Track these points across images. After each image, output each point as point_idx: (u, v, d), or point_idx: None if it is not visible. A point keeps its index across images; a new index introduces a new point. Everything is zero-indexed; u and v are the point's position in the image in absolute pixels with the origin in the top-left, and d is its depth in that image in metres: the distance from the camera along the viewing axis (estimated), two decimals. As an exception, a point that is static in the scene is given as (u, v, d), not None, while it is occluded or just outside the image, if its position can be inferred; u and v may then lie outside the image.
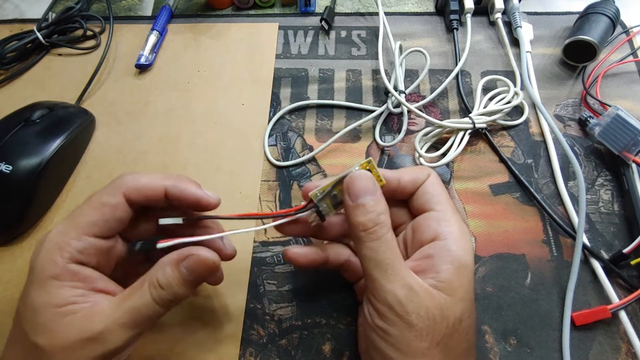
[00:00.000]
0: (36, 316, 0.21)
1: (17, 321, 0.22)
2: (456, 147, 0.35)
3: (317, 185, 0.25)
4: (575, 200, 0.34)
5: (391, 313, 0.22)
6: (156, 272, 0.23)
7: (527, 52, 0.40)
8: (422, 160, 0.35)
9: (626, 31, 0.42)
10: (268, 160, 0.37)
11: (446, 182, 0.35)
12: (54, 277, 0.22)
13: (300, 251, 0.26)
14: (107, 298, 0.22)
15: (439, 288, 0.22)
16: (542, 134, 0.38)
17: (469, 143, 0.36)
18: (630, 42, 0.42)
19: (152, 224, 0.26)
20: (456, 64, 0.39)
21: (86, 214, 0.23)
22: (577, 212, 0.33)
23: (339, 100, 0.40)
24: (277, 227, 0.26)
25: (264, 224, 0.26)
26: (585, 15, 0.40)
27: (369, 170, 0.24)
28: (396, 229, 0.27)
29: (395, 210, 0.27)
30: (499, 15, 0.43)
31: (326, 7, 0.44)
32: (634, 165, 0.34)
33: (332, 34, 0.44)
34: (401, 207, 0.27)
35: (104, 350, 0.21)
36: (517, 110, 0.39)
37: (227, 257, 0.26)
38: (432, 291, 0.22)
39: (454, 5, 0.43)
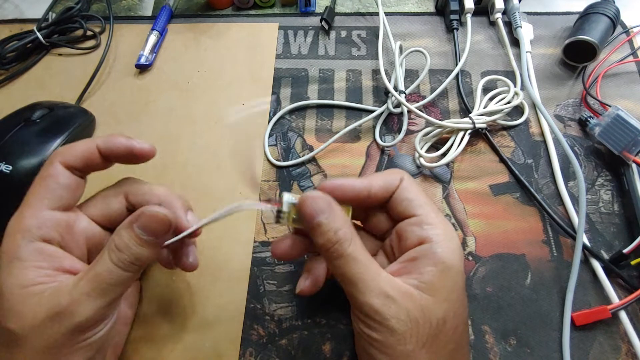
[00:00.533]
0: (4, 300, 0.21)
1: None
2: (456, 147, 0.35)
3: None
4: (575, 200, 0.34)
5: (372, 321, 0.22)
6: (113, 237, 0.23)
7: (527, 52, 0.40)
8: (422, 160, 0.35)
9: (626, 31, 0.42)
10: (268, 160, 0.37)
11: (446, 182, 0.35)
12: (17, 258, 0.22)
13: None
14: (74, 276, 0.22)
15: (421, 289, 0.22)
16: (542, 134, 0.38)
17: (469, 143, 0.36)
18: (630, 42, 0.42)
19: (120, 202, 0.26)
20: (456, 64, 0.39)
21: (33, 192, 0.23)
22: (577, 212, 0.33)
23: (339, 100, 0.40)
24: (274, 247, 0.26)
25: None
26: (586, 15, 0.40)
27: None
28: (382, 235, 0.27)
29: (377, 217, 0.27)
30: (499, 15, 0.43)
31: (326, 7, 0.44)
32: (634, 166, 0.34)
33: (332, 34, 0.44)
34: (383, 213, 0.27)
35: (73, 323, 0.21)
36: (517, 111, 0.39)
37: (190, 268, 0.27)
38: (413, 293, 0.22)
39: (454, 5, 0.43)
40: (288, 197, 0.25)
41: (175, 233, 0.25)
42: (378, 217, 0.27)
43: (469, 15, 0.42)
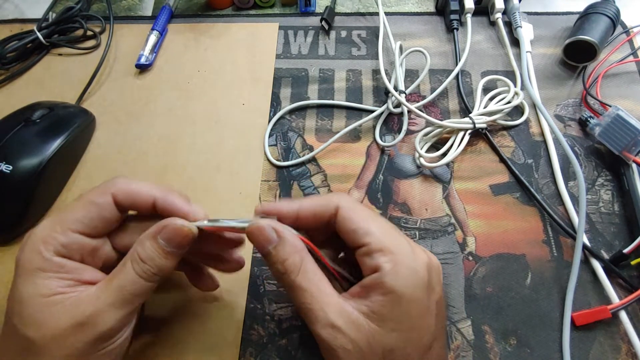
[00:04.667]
0: (24, 308, 0.21)
1: (7, 318, 0.22)
2: (456, 147, 0.35)
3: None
4: (575, 200, 0.34)
5: (323, 349, 0.22)
6: (136, 247, 0.23)
7: (527, 52, 0.40)
8: (422, 160, 0.35)
9: (626, 31, 0.42)
10: (268, 160, 0.37)
11: (446, 182, 0.35)
12: (39, 269, 0.22)
13: None
14: (95, 286, 0.23)
15: (370, 318, 0.22)
16: (542, 134, 0.38)
17: (469, 143, 0.36)
18: (630, 42, 0.42)
19: (110, 206, 0.25)
20: (456, 64, 0.39)
21: (73, 211, 0.23)
22: (577, 212, 0.33)
23: (339, 100, 0.40)
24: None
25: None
26: (586, 15, 0.40)
27: None
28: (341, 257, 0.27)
29: (332, 242, 0.26)
30: (499, 15, 0.43)
31: (326, 7, 0.44)
32: (634, 165, 0.34)
33: (332, 34, 0.44)
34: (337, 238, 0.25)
35: (95, 333, 0.21)
36: (518, 110, 0.39)
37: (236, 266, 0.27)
38: (361, 322, 0.21)
39: (454, 5, 0.43)
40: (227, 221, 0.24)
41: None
42: (334, 243, 0.26)
43: (469, 15, 0.42)
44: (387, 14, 0.44)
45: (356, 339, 0.21)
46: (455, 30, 0.42)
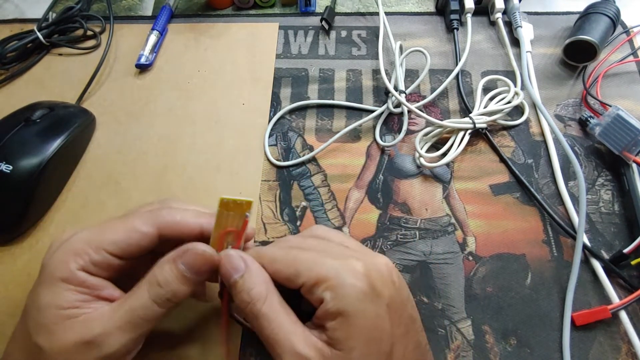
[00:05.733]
0: (40, 315, 0.21)
1: (23, 318, 0.22)
2: (456, 147, 0.35)
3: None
4: (575, 200, 0.34)
5: None
6: (154, 270, 0.23)
7: (527, 52, 0.40)
8: (422, 160, 0.35)
9: (626, 31, 0.42)
10: (268, 160, 0.37)
11: (446, 182, 0.35)
12: (63, 280, 0.22)
13: None
14: (110, 304, 0.23)
15: (330, 345, 0.21)
16: (542, 134, 0.38)
17: (469, 143, 0.36)
18: (630, 42, 0.42)
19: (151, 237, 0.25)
20: (456, 64, 0.39)
21: (114, 231, 0.23)
22: (577, 212, 0.33)
23: (339, 100, 0.40)
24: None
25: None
26: (586, 15, 0.40)
27: (229, 210, 0.23)
28: None
29: None
30: (499, 15, 0.43)
31: (326, 7, 0.44)
32: (634, 165, 0.34)
33: (333, 33, 0.44)
34: None
35: (101, 354, 0.21)
36: (518, 110, 0.39)
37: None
38: (325, 350, 0.21)
39: (454, 5, 0.43)
40: None
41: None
42: None
43: (469, 15, 0.42)
44: (387, 13, 0.44)
45: None
46: (455, 30, 0.42)
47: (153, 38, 0.43)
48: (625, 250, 0.30)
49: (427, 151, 0.36)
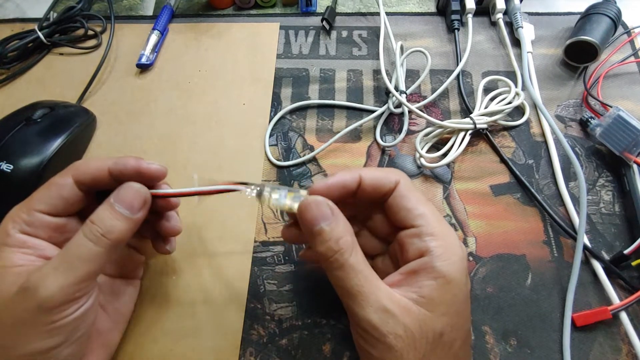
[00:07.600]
0: None
1: None
2: (457, 147, 0.35)
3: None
4: (576, 200, 0.34)
5: (369, 336, 0.21)
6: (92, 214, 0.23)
7: (528, 52, 0.40)
8: (422, 160, 0.35)
9: (628, 32, 0.42)
10: (269, 160, 0.37)
11: (447, 183, 0.35)
12: (5, 244, 0.23)
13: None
14: None
15: (420, 303, 0.21)
16: (543, 134, 0.38)
17: (469, 143, 0.36)
18: (631, 42, 0.42)
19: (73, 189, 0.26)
20: (457, 64, 0.39)
21: (37, 193, 0.25)
22: (578, 212, 0.33)
23: (340, 100, 0.40)
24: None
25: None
26: (587, 16, 0.40)
27: None
28: (385, 237, 0.27)
29: (378, 219, 0.26)
30: (500, 15, 0.43)
31: (327, 7, 0.44)
32: (635, 166, 0.33)
33: (333, 34, 0.44)
34: (383, 215, 0.26)
35: (38, 299, 0.21)
36: (518, 111, 0.39)
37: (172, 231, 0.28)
38: (412, 307, 0.21)
39: (455, 6, 0.43)
40: (278, 196, 0.24)
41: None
42: (379, 219, 0.26)
43: (470, 16, 0.42)
44: (388, 14, 0.44)
45: (408, 323, 0.21)
46: (456, 31, 0.42)
47: (154, 38, 0.43)
48: (626, 251, 0.30)
49: (428, 151, 0.36)
